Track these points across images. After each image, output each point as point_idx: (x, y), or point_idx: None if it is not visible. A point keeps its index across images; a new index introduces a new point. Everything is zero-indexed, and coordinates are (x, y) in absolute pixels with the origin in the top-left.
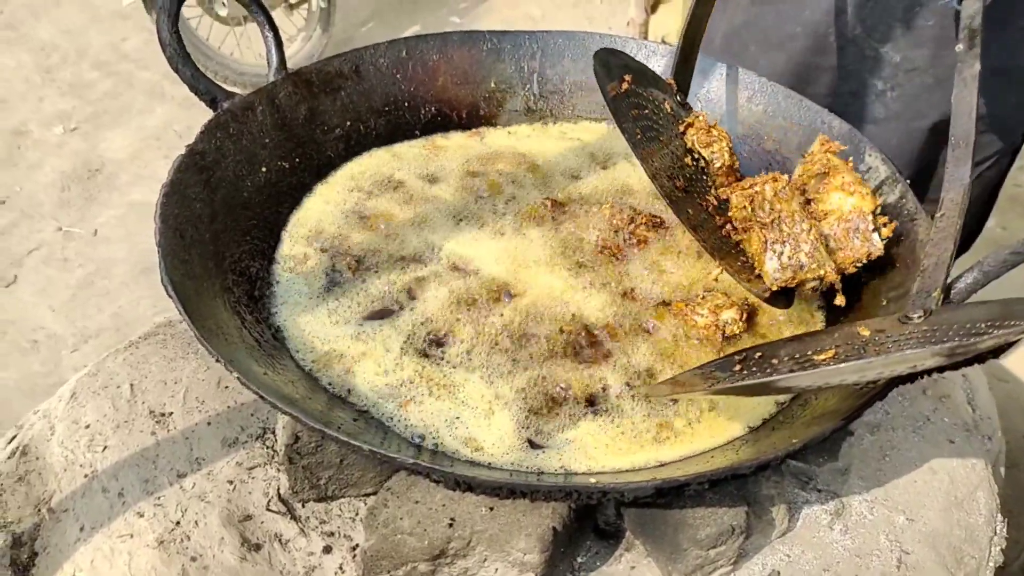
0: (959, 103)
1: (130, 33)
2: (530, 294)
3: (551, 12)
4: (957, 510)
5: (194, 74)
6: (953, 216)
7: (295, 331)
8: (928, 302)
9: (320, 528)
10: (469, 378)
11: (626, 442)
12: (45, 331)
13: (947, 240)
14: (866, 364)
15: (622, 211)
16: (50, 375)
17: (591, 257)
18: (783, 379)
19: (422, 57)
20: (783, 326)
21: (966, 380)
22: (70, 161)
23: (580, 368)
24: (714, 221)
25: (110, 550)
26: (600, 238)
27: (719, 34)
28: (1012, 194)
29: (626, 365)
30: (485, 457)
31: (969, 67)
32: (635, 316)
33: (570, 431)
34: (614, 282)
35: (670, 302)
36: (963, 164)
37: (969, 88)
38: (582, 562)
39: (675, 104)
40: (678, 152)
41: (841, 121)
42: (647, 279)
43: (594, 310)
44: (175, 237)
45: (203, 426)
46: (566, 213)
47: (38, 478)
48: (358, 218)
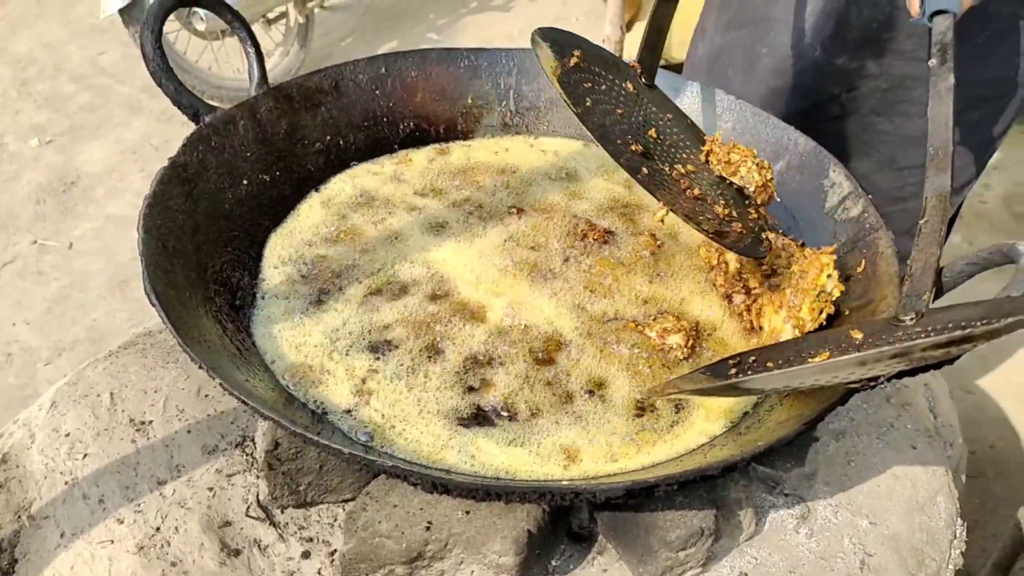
0: (935, 115)
1: (108, 47)
2: (496, 304)
3: (528, 30)
4: (919, 514)
5: (177, 88)
6: (936, 221)
7: (270, 341)
8: (919, 304)
9: (299, 534)
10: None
11: (594, 448)
12: (20, 344)
13: (932, 245)
14: (861, 357)
15: (577, 225)
16: (25, 388)
17: (551, 268)
18: (781, 375)
19: (401, 73)
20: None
21: (928, 388)
22: (46, 174)
23: (544, 374)
24: (678, 184)
25: (90, 556)
26: (560, 248)
27: (704, 59)
28: (978, 210)
29: (584, 374)
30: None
31: (943, 80)
32: (591, 329)
33: (545, 437)
34: (572, 293)
35: (623, 318)
36: (943, 172)
37: (944, 100)
38: (556, 565)
39: (639, 85)
40: (637, 123)
41: (807, 139)
42: (600, 292)
43: (554, 321)
44: (158, 248)
45: (183, 434)
46: (531, 224)
47: (18, 485)
48: (334, 233)
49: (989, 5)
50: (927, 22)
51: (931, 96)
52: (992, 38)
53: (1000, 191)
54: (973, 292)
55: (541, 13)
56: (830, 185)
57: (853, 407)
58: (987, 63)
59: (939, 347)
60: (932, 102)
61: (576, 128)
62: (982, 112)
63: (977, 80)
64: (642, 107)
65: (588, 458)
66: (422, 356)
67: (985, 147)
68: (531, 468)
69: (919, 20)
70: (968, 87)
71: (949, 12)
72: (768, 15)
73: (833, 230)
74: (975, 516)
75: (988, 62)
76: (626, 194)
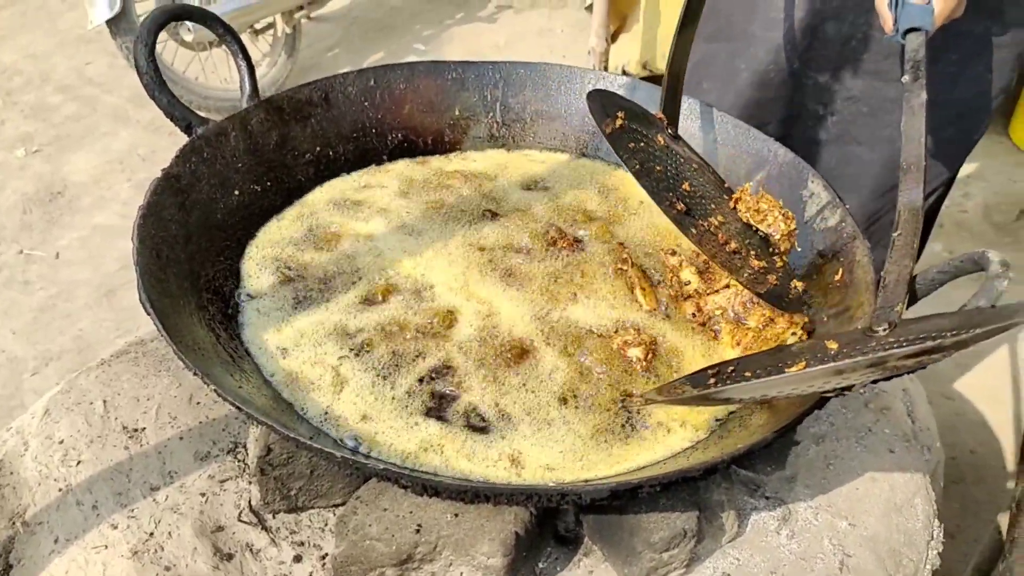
0: (908, 130)
1: (95, 57)
2: (467, 309)
3: (514, 41)
4: (896, 515)
5: (170, 100)
6: (909, 235)
7: (259, 348)
8: (891, 315)
9: (290, 538)
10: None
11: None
12: (6, 354)
13: (905, 258)
14: (837, 367)
15: (548, 232)
16: (11, 398)
17: (521, 274)
18: (759, 384)
19: (389, 86)
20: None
21: (906, 394)
22: (32, 184)
23: (512, 379)
24: (717, 239)
25: (85, 561)
26: (530, 255)
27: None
28: (958, 219)
29: (550, 380)
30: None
31: (916, 96)
32: (558, 337)
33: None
34: (540, 300)
35: (587, 327)
36: (915, 187)
37: (917, 116)
38: (543, 567)
39: (667, 137)
40: (673, 179)
41: (786, 150)
42: (566, 300)
43: (521, 327)
44: (152, 257)
45: (175, 441)
46: (504, 231)
47: (12, 492)
48: (319, 239)
49: (961, 23)
50: (900, 39)
51: (904, 112)
52: (965, 57)
53: (980, 200)
54: (950, 297)
55: (527, 25)
56: (809, 195)
57: (833, 412)
58: (960, 83)
59: (911, 357)
60: (905, 117)
61: (560, 140)
62: (956, 128)
63: (952, 99)
64: (673, 159)
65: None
66: (398, 360)
67: (956, 160)
68: (501, 473)
69: (893, 37)
70: (944, 106)
71: (922, 29)
72: (747, 30)
73: (811, 239)
74: (956, 521)
75: (962, 81)
76: (597, 207)
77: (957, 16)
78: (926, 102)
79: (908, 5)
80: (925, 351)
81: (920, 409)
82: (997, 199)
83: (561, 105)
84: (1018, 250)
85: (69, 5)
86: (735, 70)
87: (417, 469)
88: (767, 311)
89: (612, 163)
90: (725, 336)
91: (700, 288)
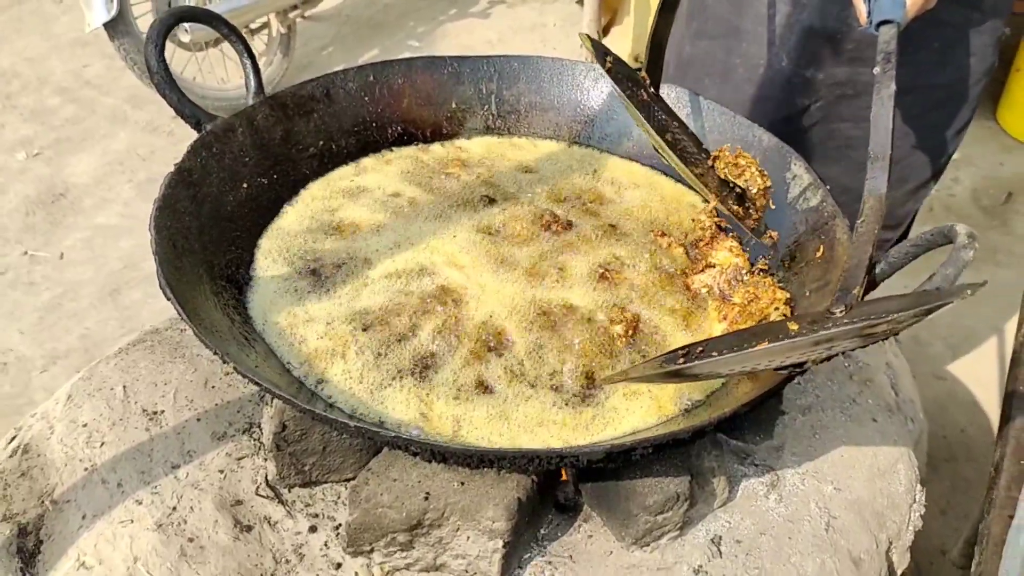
0: (877, 120)
1: (92, 59)
2: (464, 288)
3: (507, 36)
4: (880, 480)
5: (180, 99)
6: (872, 223)
7: (271, 329)
8: (849, 299)
9: (305, 510)
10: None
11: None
12: (14, 353)
13: (866, 244)
14: (793, 344)
15: (543, 216)
16: (20, 396)
17: (516, 256)
18: (725, 359)
19: (388, 81)
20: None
21: (889, 368)
22: (34, 186)
23: (505, 354)
24: (705, 164)
25: (112, 535)
26: (525, 237)
27: (671, 66)
28: (946, 203)
29: (542, 356)
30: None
31: (885, 87)
32: (550, 311)
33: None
34: (532, 280)
35: (576, 305)
36: (881, 175)
37: (886, 106)
38: (545, 533)
39: (650, 95)
40: (661, 129)
41: (769, 135)
42: (555, 278)
43: (516, 305)
44: (168, 247)
45: (193, 422)
46: (501, 215)
47: (40, 473)
48: (327, 227)
49: (940, 12)
50: (874, 31)
51: (874, 102)
52: (947, 44)
53: (968, 184)
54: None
55: (520, 19)
56: (792, 177)
57: (819, 384)
58: (944, 68)
59: (858, 336)
60: (875, 107)
61: (554, 130)
62: (940, 114)
63: (935, 84)
64: (656, 114)
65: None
66: (402, 338)
67: (943, 148)
68: (497, 439)
69: (867, 29)
70: (928, 91)
71: (894, 22)
72: (739, 26)
73: (794, 219)
74: (947, 497)
75: (944, 67)
76: (588, 190)
77: (930, 7)
78: (895, 93)
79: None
80: (868, 331)
81: (903, 382)
82: (985, 183)
83: (554, 96)
84: (1005, 233)
85: (64, 8)
86: (732, 66)
87: (428, 438)
88: (751, 288)
89: (603, 150)
90: (712, 312)
91: (687, 268)
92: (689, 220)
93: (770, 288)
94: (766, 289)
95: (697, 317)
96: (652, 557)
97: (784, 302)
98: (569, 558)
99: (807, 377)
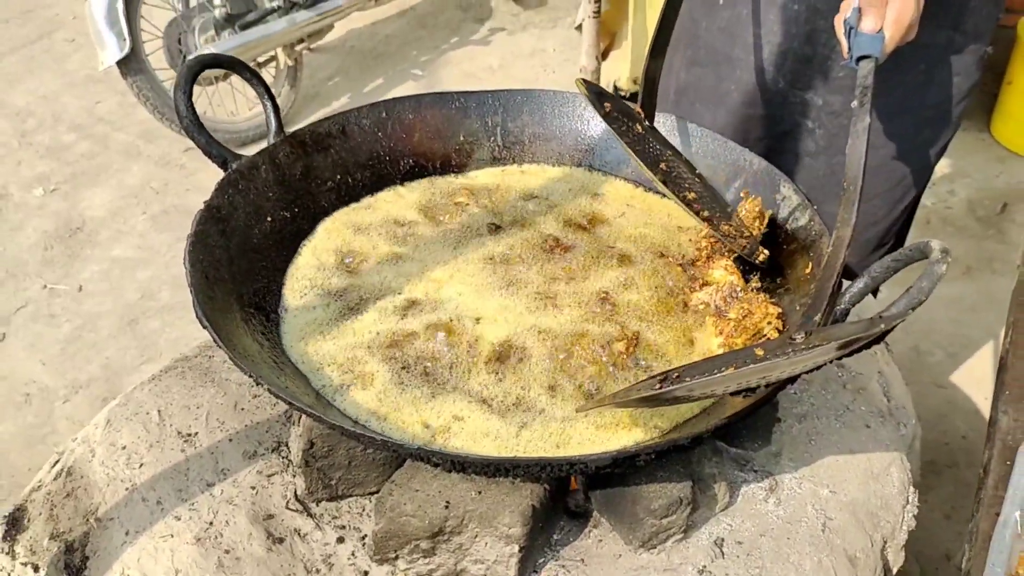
0: (851, 152)
1: (104, 96)
2: (486, 315)
3: (508, 62)
4: (873, 483)
5: (208, 140)
6: (840, 252)
7: (299, 354)
8: (811, 325)
9: (333, 523)
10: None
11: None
12: (37, 384)
13: (832, 275)
14: (754, 369)
15: (546, 240)
16: (43, 426)
17: (522, 279)
18: (695, 384)
19: (399, 116)
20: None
21: (882, 376)
22: (52, 221)
23: (514, 373)
24: (691, 210)
25: (154, 549)
26: (530, 262)
27: (670, 92)
28: (943, 215)
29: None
30: None
31: (861, 121)
32: (556, 334)
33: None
34: (538, 302)
35: (579, 327)
36: (851, 205)
37: (860, 139)
38: (557, 538)
39: (645, 127)
40: (656, 158)
41: (760, 159)
42: (558, 302)
43: (522, 328)
44: (202, 278)
45: (225, 442)
46: (507, 240)
47: (84, 493)
48: (343, 258)
49: (923, 35)
50: (854, 65)
51: (850, 134)
52: (932, 66)
53: (964, 196)
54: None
55: (520, 46)
56: (781, 199)
57: (814, 394)
58: (930, 88)
59: (813, 359)
60: (851, 139)
61: (556, 158)
62: (928, 132)
63: (921, 104)
64: (650, 145)
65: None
66: (417, 362)
67: (928, 163)
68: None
69: (848, 63)
70: (917, 111)
71: (872, 57)
72: (731, 55)
73: (784, 237)
74: (951, 502)
75: (931, 87)
76: (589, 213)
77: (909, 40)
78: (890, 113)
79: (860, 35)
80: (823, 356)
81: (896, 389)
82: (980, 194)
83: (555, 127)
84: (1001, 242)
85: (75, 47)
86: (725, 91)
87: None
88: (745, 304)
89: (604, 173)
90: (709, 327)
91: (685, 286)
92: (687, 240)
93: (763, 304)
94: (759, 305)
95: (695, 333)
96: (659, 559)
97: (776, 316)
98: (581, 561)
99: (803, 387)
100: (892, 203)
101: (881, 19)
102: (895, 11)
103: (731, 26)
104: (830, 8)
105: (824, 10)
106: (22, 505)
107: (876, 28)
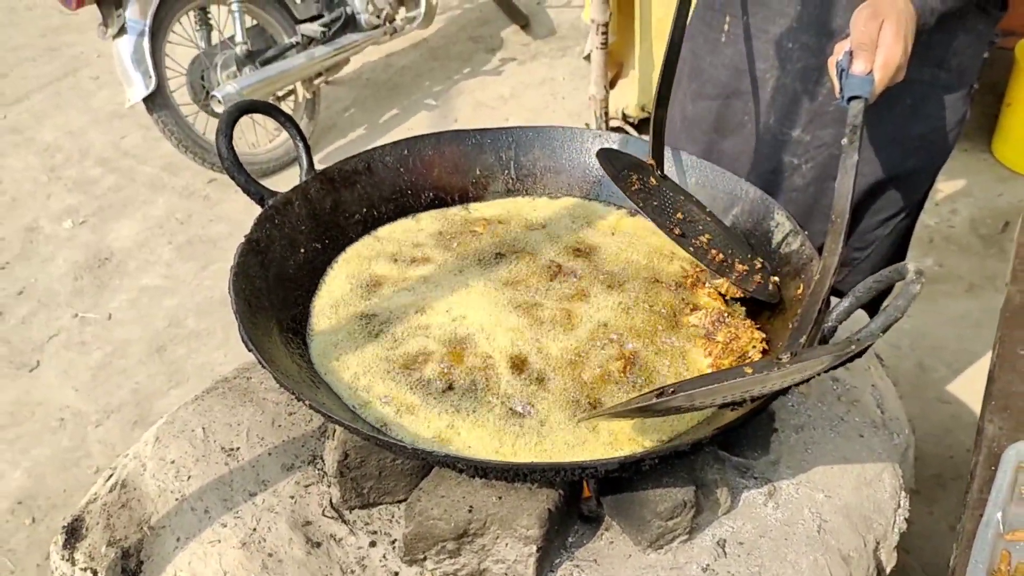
0: (840, 187)
1: (129, 131)
2: (500, 338)
3: (519, 91)
4: (866, 488)
5: (247, 179)
6: (826, 280)
7: (332, 374)
8: (796, 348)
9: (365, 528)
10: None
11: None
12: (70, 410)
13: (817, 301)
14: (742, 382)
15: (549, 266)
16: (77, 449)
17: (529, 303)
18: (687, 396)
19: (420, 153)
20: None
21: (875, 389)
22: (81, 252)
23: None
24: (708, 253)
25: (204, 553)
26: (535, 287)
27: (676, 122)
28: (946, 234)
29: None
30: None
31: (849, 158)
32: (560, 353)
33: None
34: (544, 326)
35: (580, 347)
36: (838, 237)
37: (848, 175)
38: (572, 541)
39: (657, 178)
40: (669, 210)
41: (754, 188)
42: (562, 324)
43: (533, 349)
44: (245, 306)
45: (265, 456)
46: (513, 267)
47: (138, 504)
48: (366, 286)
49: (910, 71)
50: (845, 104)
51: (839, 170)
52: (919, 101)
53: (966, 215)
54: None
55: (530, 75)
56: (775, 225)
57: (810, 406)
58: (916, 120)
59: (798, 374)
60: (839, 175)
61: (566, 190)
62: (918, 158)
63: (911, 135)
64: (665, 195)
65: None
66: (437, 376)
67: (916, 188)
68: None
69: (840, 102)
70: (905, 141)
71: (862, 97)
72: (737, 88)
73: (778, 261)
74: (956, 514)
75: (915, 121)
76: (592, 241)
77: (898, 81)
78: (856, 163)
79: (851, 77)
80: (806, 373)
81: (889, 402)
82: (983, 213)
83: (565, 160)
84: (1003, 260)
85: (100, 84)
86: (727, 124)
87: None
88: (732, 328)
89: (610, 204)
90: (699, 348)
91: (677, 310)
92: (680, 268)
93: (749, 328)
94: (746, 329)
95: (685, 354)
96: (665, 558)
97: (760, 340)
98: (594, 561)
99: (800, 399)
100: (873, 213)
101: (871, 62)
102: (884, 55)
103: (735, 62)
104: (820, 46)
105: (815, 47)
106: (79, 516)
107: (866, 71)
